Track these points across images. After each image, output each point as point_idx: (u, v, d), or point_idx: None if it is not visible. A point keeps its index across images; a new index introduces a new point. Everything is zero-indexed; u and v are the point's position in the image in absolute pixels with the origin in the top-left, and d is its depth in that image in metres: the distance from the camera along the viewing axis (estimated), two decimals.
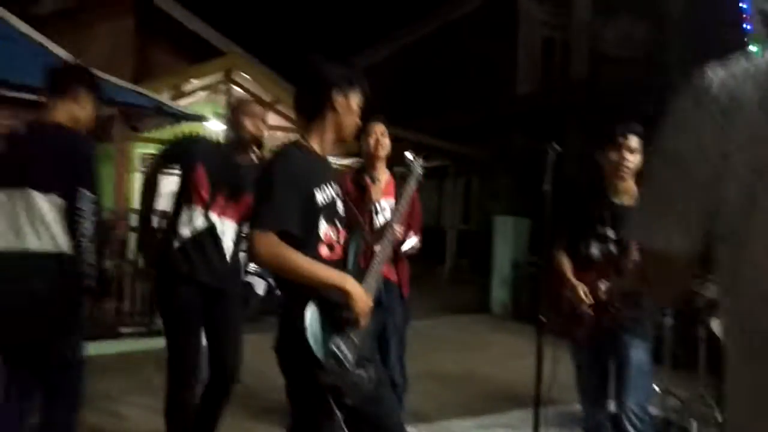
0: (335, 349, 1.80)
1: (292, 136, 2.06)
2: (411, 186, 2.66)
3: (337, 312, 1.82)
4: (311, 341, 1.75)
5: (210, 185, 2.70)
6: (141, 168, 9.91)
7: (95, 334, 5.10)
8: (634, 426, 2.48)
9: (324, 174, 1.95)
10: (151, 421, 3.57)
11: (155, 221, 2.97)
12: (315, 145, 1.96)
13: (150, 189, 2.86)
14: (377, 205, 3.13)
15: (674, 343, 3.75)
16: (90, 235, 2.25)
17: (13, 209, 2.27)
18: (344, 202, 2.06)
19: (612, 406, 2.66)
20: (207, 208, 2.69)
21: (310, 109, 1.97)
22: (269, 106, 9.96)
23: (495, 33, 13.25)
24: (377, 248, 2.25)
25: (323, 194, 1.89)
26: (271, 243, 1.74)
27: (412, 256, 3.23)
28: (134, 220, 5.62)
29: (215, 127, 9.72)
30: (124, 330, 5.39)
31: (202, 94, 9.87)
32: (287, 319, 1.86)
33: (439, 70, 15.22)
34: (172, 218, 2.73)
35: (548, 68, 12.78)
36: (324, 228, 1.90)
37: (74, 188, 2.27)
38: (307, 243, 1.84)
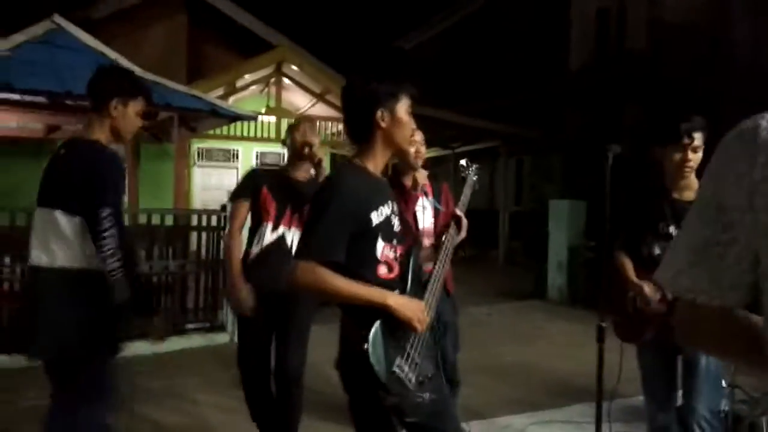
0: (397, 371, 1.81)
1: (348, 153, 2.06)
2: (467, 195, 2.63)
3: (398, 333, 1.84)
4: (374, 363, 1.76)
5: (276, 203, 2.94)
6: (198, 162, 10.26)
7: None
8: (703, 431, 2.42)
9: (379, 194, 1.95)
10: (216, 419, 3.74)
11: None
12: (370, 164, 1.96)
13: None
14: (420, 203, 3.11)
15: None
16: (111, 251, 2.23)
17: (44, 228, 2.35)
18: (400, 217, 2.05)
19: (679, 403, 2.60)
20: (276, 222, 2.93)
21: (358, 132, 1.97)
22: (318, 97, 10.07)
23: (546, 5, 12.85)
24: (436, 264, 2.23)
25: (378, 215, 1.89)
26: (309, 271, 1.77)
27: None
28: (195, 219, 5.83)
29: (268, 121, 9.96)
30: (188, 326, 5.61)
31: (254, 88, 10.06)
32: (349, 339, 1.88)
33: (488, 47, 14.92)
34: (248, 243, 3.01)
35: (603, 41, 12.30)
36: (381, 248, 1.90)
37: (93, 207, 2.25)
38: (364, 265, 1.87)
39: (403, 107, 1.94)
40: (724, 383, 3.42)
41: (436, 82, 15.84)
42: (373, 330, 1.79)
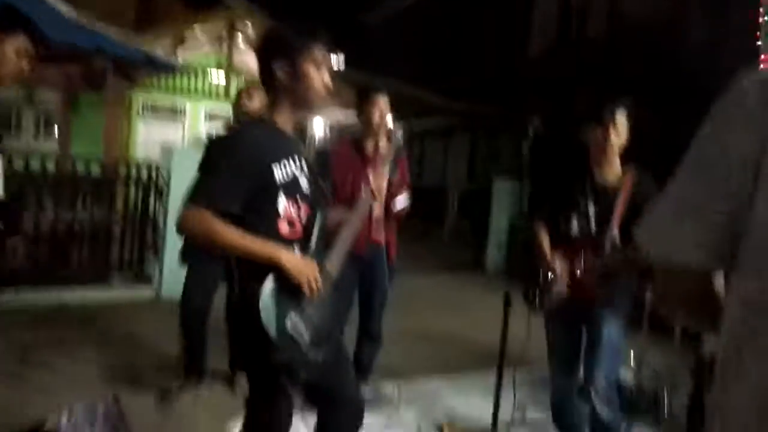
0: (289, 328, 1.75)
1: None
2: (389, 154, 2.61)
3: (294, 290, 1.76)
4: (265, 319, 1.70)
5: None
6: (142, 115, 9.92)
7: (84, 280, 5.21)
8: (602, 402, 2.49)
9: (286, 149, 1.86)
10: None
11: None
12: (278, 119, 1.88)
13: None
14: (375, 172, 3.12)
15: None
16: None
17: None
18: (312, 177, 1.95)
19: (581, 379, 2.66)
20: None
21: (265, 84, 1.90)
22: None
23: None
24: (346, 222, 2.17)
25: (283, 170, 1.81)
26: (200, 219, 1.69)
27: (405, 216, 3.24)
28: (124, 169, 5.63)
29: (217, 80, 9.69)
30: (114, 277, 5.46)
31: (206, 46, 9.75)
32: (241, 294, 1.80)
33: (454, 26, 14.86)
34: None
35: (564, 28, 12.37)
36: (283, 204, 1.82)
37: None
38: (264, 219, 1.79)
39: (309, 61, 1.84)
40: (631, 358, 3.56)
41: (403, 54, 15.72)
42: (266, 285, 1.72)
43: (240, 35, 9.63)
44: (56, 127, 8.35)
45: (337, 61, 21.62)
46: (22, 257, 2.41)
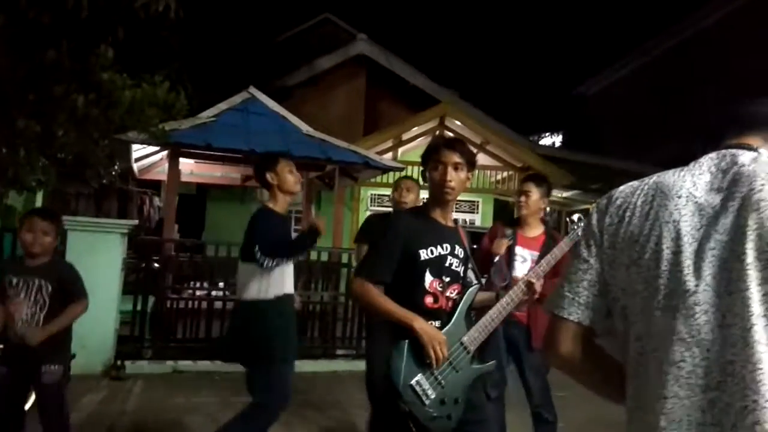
0: (414, 384, 2.13)
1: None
2: (563, 246, 2.80)
3: (422, 354, 2.14)
4: (393, 372, 2.12)
5: None
6: (370, 207, 11.27)
7: (313, 354, 6.17)
8: None
9: (432, 235, 2.31)
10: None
11: None
12: (430, 210, 2.38)
13: None
14: (515, 255, 3.35)
15: None
16: None
17: None
18: (465, 261, 2.37)
19: None
20: None
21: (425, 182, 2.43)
22: (479, 147, 10.52)
23: None
24: (498, 303, 2.40)
25: (428, 252, 2.26)
26: (360, 286, 2.24)
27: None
28: (346, 256, 6.61)
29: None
30: (338, 352, 6.34)
31: (420, 140, 10.87)
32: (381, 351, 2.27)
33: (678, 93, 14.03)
34: None
35: None
36: (429, 280, 2.25)
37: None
38: (411, 290, 2.25)
39: (433, 166, 2.32)
40: None
41: (622, 130, 15.28)
42: (399, 345, 2.16)
43: (446, 131, 10.56)
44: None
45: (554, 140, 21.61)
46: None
